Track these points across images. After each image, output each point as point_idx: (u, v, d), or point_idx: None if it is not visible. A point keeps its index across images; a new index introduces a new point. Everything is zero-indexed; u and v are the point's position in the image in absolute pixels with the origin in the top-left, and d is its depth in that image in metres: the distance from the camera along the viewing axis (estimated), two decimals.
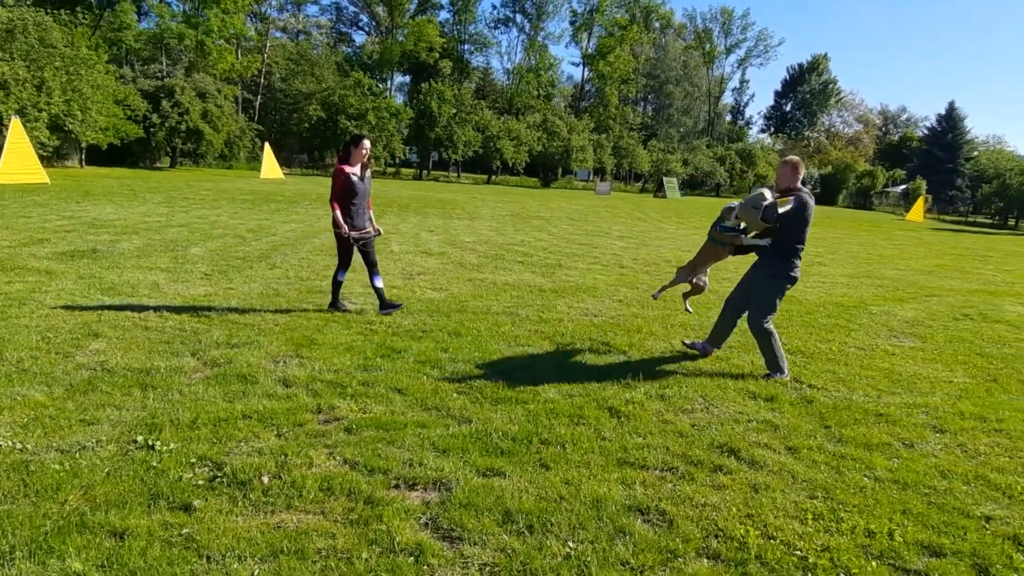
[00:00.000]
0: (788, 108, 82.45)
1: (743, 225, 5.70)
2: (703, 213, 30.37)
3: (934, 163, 62.72)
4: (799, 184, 5.44)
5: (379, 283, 6.91)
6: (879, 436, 4.39)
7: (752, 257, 5.85)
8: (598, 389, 4.92)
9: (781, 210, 5.24)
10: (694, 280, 6.39)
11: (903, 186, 58.92)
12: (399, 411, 4.32)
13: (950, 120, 66.99)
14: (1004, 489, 3.75)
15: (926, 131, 71.99)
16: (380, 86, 50.67)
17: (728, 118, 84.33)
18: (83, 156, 32.08)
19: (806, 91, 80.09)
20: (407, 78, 64.28)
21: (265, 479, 3.38)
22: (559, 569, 2.78)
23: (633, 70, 66.61)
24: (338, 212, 6.54)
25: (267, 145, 33.94)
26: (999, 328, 8.21)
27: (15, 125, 20.47)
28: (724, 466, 3.79)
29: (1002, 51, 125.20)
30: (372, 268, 6.89)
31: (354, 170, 6.60)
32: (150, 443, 3.67)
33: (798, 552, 2.99)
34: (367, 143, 6.70)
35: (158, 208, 16.16)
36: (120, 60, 39.42)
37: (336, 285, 6.92)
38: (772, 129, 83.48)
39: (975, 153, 65.15)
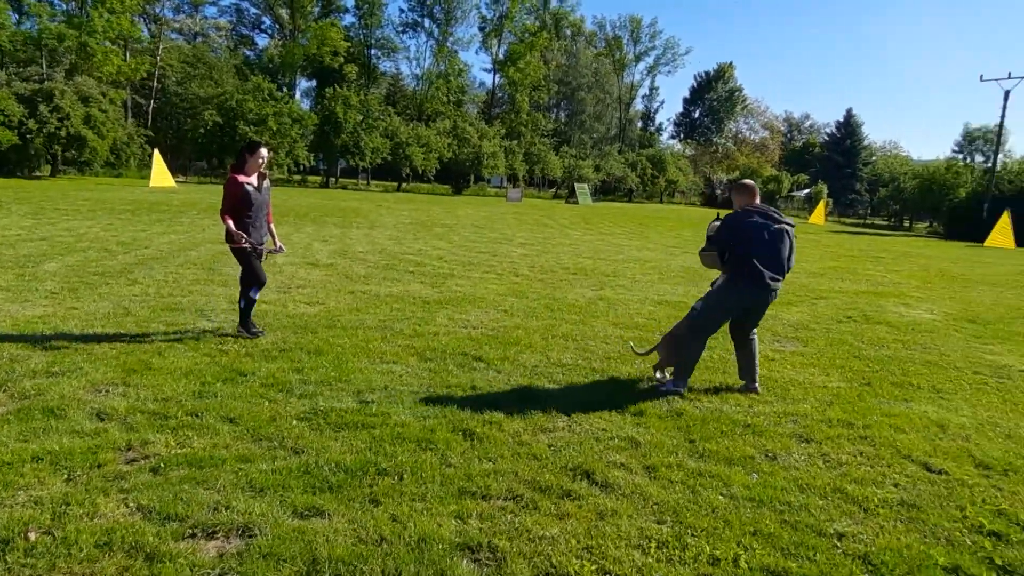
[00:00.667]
0: (697, 115, 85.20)
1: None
2: (612, 219, 30.77)
3: (835, 168, 66.13)
4: (754, 203, 5.37)
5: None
6: (743, 449, 4.24)
7: None
8: (456, 409, 4.57)
9: (709, 233, 5.33)
10: None
11: (807, 190, 61.81)
12: (223, 444, 3.84)
13: (848, 127, 70.88)
14: (860, 502, 3.64)
15: (827, 137, 75.88)
16: (283, 91, 48.88)
17: (639, 124, 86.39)
18: None
19: (713, 98, 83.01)
20: (313, 83, 62.59)
21: (32, 535, 2.86)
22: None
23: (544, 76, 67.18)
24: (231, 223, 5.90)
25: (156, 152, 31.91)
26: (879, 329, 8.40)
27: None
28: (573, 492, 3.51)
29: (895, 60, 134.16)
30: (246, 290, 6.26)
31: (249, 180, 5.99)
32: None
33: None
34: (264, 151, 6.11)
35: (22, 220, 14.79)
36: None
37: (249, 304, 6.16)
38: (682, 135, 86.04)
39: (873, 158, 69.11)
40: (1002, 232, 29.22)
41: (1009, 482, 4.04)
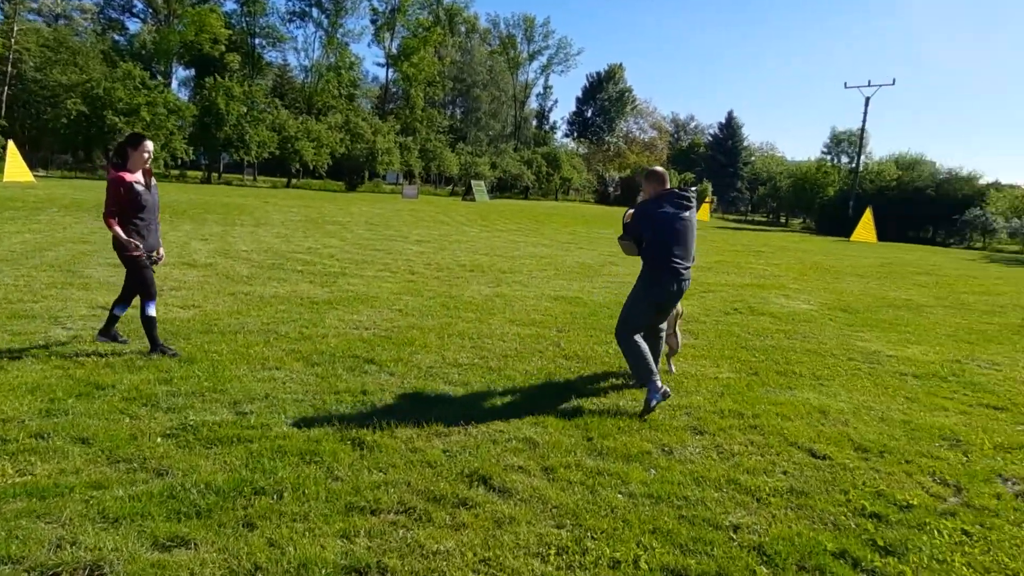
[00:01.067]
0: (589, 114, 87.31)
1: None
2: (509, 215, 30.87)
3: (718, 167, 69.76)
4: (664, 189, 5.28)
5: (120, 312, 5.57)
6: (640, 444, 4.21)
7: None
8: (345, 417, 4.28)
9: (625, 221, 5.20)
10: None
11: (693, 188, 64.46)
12: (72, 469, 3.38)
13: (730, 128, 74.84)
14: (753, 492, 3.67)
15: (711, 138, 79.74)
16: (157, 79, 45.69)
17: (534, 123, 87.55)
18: None
19: (605, 98, 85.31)
20: (191, 72, 59.06)
21: None
22: None
23: (439, 72, 66.65)
24: (119, 229, 5.15)
25: (11, 143, 28.90)
26: (763, 320, 8.75)
27: None
28: (470, 500, 3.33)
29: (771, 64, 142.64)
30: (127, 297, 5.57)
31: (136, 178, 5.27)
32: None
33: None
34: (149, 144, 5.37)
35: None
36: None
37: (149, 324, 5.40)
38: (576, 134, 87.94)
39: (752, 158, 73.33)
40: (865, 227, 31.68)
41: (885, 463, 4.22)
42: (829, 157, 69.98)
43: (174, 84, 54.16)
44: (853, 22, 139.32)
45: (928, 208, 37.64)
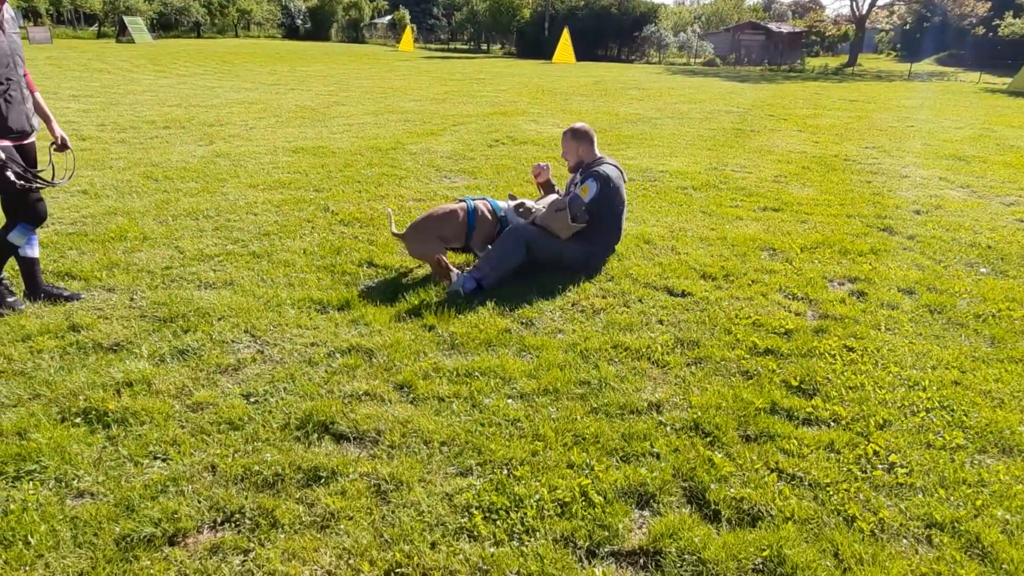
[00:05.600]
0: None
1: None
2: (187, 57, 25.87)
3: None
4: (595, 154, 4.38)
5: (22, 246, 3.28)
6: (494, 322, 3.36)
7: None
8: (54, 378, 2.71)
9: (586, 199, 4.07)
10: None
11: (388, 17, 60.71)
12: None
13: None
14: (647, 354, 3.09)
15: None
16: None
17: None
18: None
19: None
20: None
21: None
22: None
23: None
24: None
25: None
26: (530, 149, 8.17)
27: None
28: (321, 468, 2.21)
29: None
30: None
31: None
32: None
33: None
34: None
35: None
36: None
37: (7, 250, 3.29)
38: None
39: None
40: (564, 49, 32.60)
41: (738, 288, 3.95)
42: None
43: None
44: None
45: (613, 27, 39.98)
